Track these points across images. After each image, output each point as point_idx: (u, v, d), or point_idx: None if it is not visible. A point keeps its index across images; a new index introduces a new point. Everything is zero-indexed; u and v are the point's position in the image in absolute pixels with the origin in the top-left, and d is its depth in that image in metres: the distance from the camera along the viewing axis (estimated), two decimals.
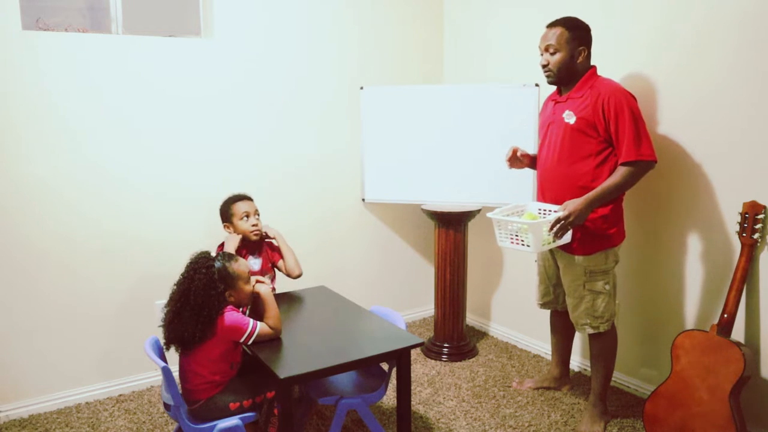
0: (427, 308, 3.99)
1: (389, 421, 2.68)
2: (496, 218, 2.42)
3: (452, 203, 3.28)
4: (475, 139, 3.24)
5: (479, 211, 3.30)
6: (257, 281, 2.26)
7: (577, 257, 2.47)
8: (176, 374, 2.16)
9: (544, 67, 2.45)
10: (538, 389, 2.94)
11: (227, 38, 3.04)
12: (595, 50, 2.51)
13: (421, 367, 3.23)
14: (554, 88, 2.58)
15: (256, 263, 2.67)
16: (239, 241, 2.60)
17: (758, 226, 2.29)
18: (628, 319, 2.86)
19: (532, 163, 2.70)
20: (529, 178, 3.10)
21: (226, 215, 2.67)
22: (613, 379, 2.84)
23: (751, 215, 2.30)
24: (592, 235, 2.43)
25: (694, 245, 2.59)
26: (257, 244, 2.68)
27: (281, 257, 2.73)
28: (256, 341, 2.12)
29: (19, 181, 2.63)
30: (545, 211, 2.48)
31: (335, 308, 2.58)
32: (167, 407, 2.14)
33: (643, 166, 2.33)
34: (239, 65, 3.09)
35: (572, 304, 2.54)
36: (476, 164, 3.25)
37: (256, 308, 2.29)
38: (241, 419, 2.09)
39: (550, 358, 3.17)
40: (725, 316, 2.32)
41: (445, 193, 3.33)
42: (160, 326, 2.17)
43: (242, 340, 2.11)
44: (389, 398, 2.85)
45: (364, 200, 3.57)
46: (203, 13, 3.09)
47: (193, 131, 3.00)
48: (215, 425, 2.05)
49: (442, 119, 3.30)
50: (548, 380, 2.95)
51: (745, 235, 2.31)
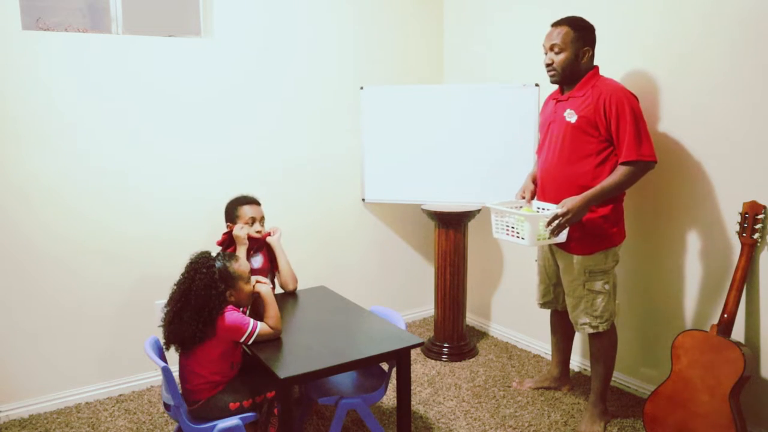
0: (427, 308, 3.99)
1: (389, 421, 2.68)
2: (494, 207, 2.45)
3: (452, 203, 3.28)
4: (475, 139, 3.24)
5: (479, 211, 3.30)
6: (257, 281, 2.26)
7: (577, 257, 2.47)
8: (176, 374, 2.16)
9: (548, 66, 2.45)
10: (538, 389, 2.94)
11: (227, 38, 3.04)
12: (596, 50, 2.51)
13: (421, 367, 3.23)
14: (555, 87, 2.58)
15: (257, 261, 2.67)
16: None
17: (758, 226, 2.29)
18: (628, 319, 2.86)
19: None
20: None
21: (231, 216, 2.65)
22: (613, 379, 2.84)
23: (751, 215, 2.30)
24: (592, 234, 2.43)
25: (694, 245, 2.59)
26: (259, 242, 2.68)
27: (277, 269, 2.71)
28: (256, 341, 2.12)
29: (19, 181, 2.63)
30: (544, 209, 2.48)
31: (335, 308, 2.58)
32: (167, 407, 2.14)
33: (642, 166, 2.33)
34: (239, 65, 3.09)
35: (572, 303, 2.54)
36: (476, 164, 3.25)
37: (256, 308, 2.29)
38: (241, 419, 2.09)
39: (550, 358, 3.17)
40: (725, 316, 2.32)
41: (445, 193, 3.33)
42: (160, 326, 2.17)
43: (242, 340, 2.11)
44: (389, 398, 2.85)
45: (364, 200, 3.57)
46: (203, 13, 3.09)
47: (193, 131, 3.00)
48: (215, 425, 2.05)
49: (442, 119, 3.30)
50: (548, 380, 2.95)
51: (745, 235, 2.31)
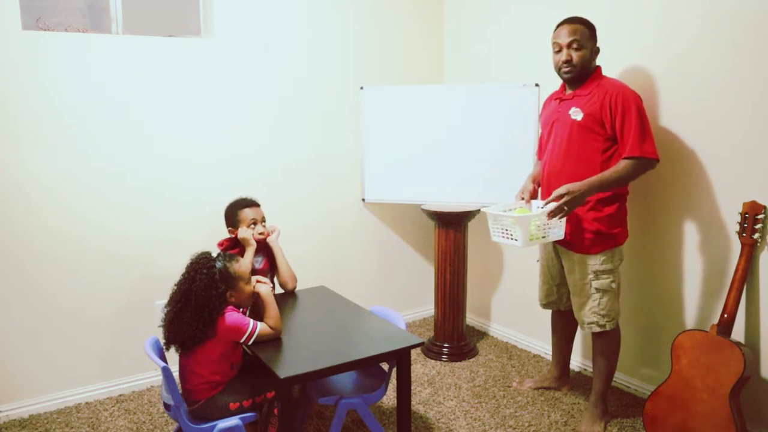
0: (427, 308, 3.99)
1: (389, 421, 2.68)
2: (488, 212, 2.46)
3: (452, 203, 3.28)
4: (475, 139, 3.24)
5: (479, 211, 3.30)
6: (257, 281, 2.26)
7: (583, 256, 2.47)
8: (176, 374, 2.16)
9: (567, 62, 2.42)
10: (538, 389, 2.94)
11: (227, 38, 3.04)
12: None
13: (421, 367, 3.23)
14: (555, 87, 2.58)
15: (258, 261, 2.67)
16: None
17: (758, 226, 2.29)
18: (628, 319, 2.86)
19: (539, 179, 2.72)
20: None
21: (232, 220, 2.64)
22: (613, 379, 2.84)
23: (751, 215, 2.30)
24: (598, 234, 2.44)
25: (694, 245, 2.59)
26: (261, 243, 2.68)
27: (277, 269, 2.71)
28: (256, 341, 2.12)
29: (19, 181, 2.63)
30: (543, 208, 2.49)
31: (335, 308, 2.58)
32: (167, 407, 2.14)
33: (645, 163, 2.34)
34: (239, 65, 3.09)
35: (579, 303, 2.53)
36: (476, 164, 3.25)
37: (256, 308, 2.29)
38: (241, 419, 2.09)
39: (550, 358, 3.17)
40: (725, 316, 2.32)
41: (445, 193, 3.33)
42: (160, 326, 2.17)
43: (242, 340, 2.11)
44: (389, 398, 2.85)
45: (364, 200, 3.57)
46: (203, 13, 3.09)
47: (193, 131, 3.00)
48: (215, 425, 2.05)
49: (442, 119, 3.30)
50: (548, 380, 2.95)
51: (745, 235, 2.31)
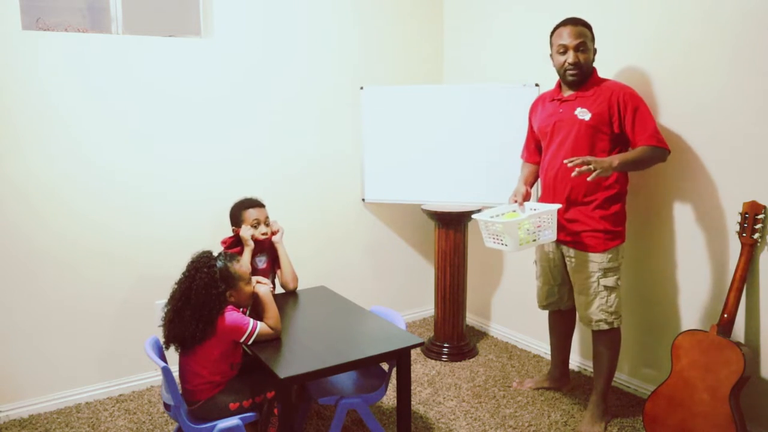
0: (427, 308, 3.99)
1: (389, 421, 2.68)
2: (479, 219, 2.48)
3: (452, 203, 3.28)
4: (475, 139, 3.24)
5: (479, 211, 3.30)
6: (257, 282, 2.27)
7: (591, 254, 2.49)
8: (176, 374, 2.17)
9: (574, 64, 2.42)
10: (538, 389, 2.94)
11: (227, 38, 3.04)
12: (597, 48, 2.52)
13: (421, 367, 3.23)
14: (552, 87, 2.59)
15: (261, 261, 2.67)
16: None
17: (758, 226, 2.29)
18: (628, 319, 2.86)
19: (531, 180, 2.75)
20: None
21: (236, 220, 2.65)
22: (613, 379, 2.84)
23: (751, 215, 2.30)
24: (606, 231, 2.46)
25: (694, 245, 2.59)
26: (265, 243, 2.68)
27: (279, 268, 2.72)
28: (256, 341, 2.12)
29: (19, 181, 2.63)
30: (535, 210, 2.51)
31: (335, 308, 2.58)
32: (167, 407, 2.14)
33: (660, 152, 2.39)
34: (239, 65, 3.09)
35: (585, 301, 2.53)
36: (476, 164, 3.25)
37: (256, 308, 2.29)
38: (241, 419, 2.09)
39: (550, 358, 3.17)
40: (725, 316, 2.32)
41: (445, 193, 3.33)
42: (160, 326, 2.17)
43: (242, 339, 2.11)
44: (389, 398, 2.85)
45: (364, 200, 3.57)
46: (203, 13, 3.09)
47: (193, 131, 3.00)
48: (215, 425, 2.06)
49: (442, 119, 3.30)
50: (548, 380, 2.95)
51: (745, 235, 2.31)
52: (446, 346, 3.34)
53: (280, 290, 2.74)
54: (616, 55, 2.74)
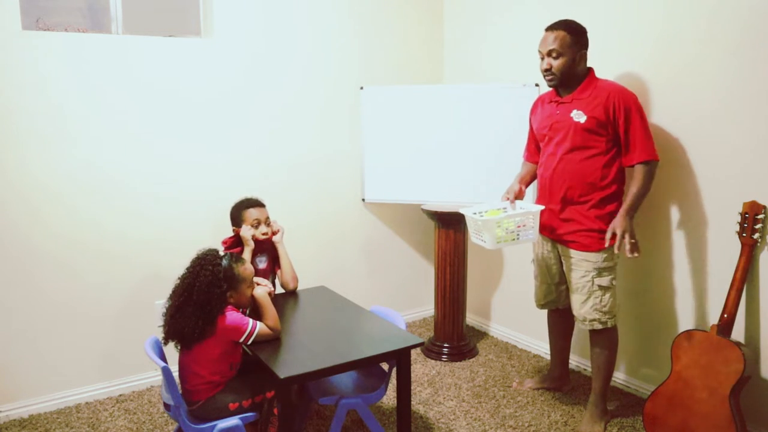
0: (427, 308, 3.99)
1: (389, 421, 2.68)
2: (464, 214, 2.52)
3: (452, 203, 3.28)
4: (475, 139, 3.24)
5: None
6: (255, 283, 2.27)
7: (586, 253, 2.48)
8: (176, 374, 2.17)
9: (546, 71, 2.45)
10: (538, 389, 2.94)
11: (227, 38, 3.04)
12: (597, 51, 2.52)
13: (421, 367, 3.22)
14: (546, 89, 2.60)
15: (262, 262, 2.67)
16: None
17: (758, 226, 2.29)
18: (628, 318, 2.86)
19: (527, 179, 2.75)
20: None
21: (236, 220, 2.65)
22: (613, 379, 2.84)
23: (751, 215, 2.30)
24: (601, 231, 2.46)
25: (694, 245, 2.59)
26: (265, 243, 2.68)
27: (279, 267, 2.72)
28: (255, 341, 2.12)
29: (18, 181, 2.63)
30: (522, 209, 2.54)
31: (335, 308, 2.58)
32: (167, 407, 2.14)
33: (654, 165, 2.40)
34: (239, 65, 3.09)
35: (579, 300, 2.54)
36: (476, 164, 3.25)
37: (255, 309, 2.29)
38: (241, 419, 2.09)
39: (549, 358, 3.17)
40: (725, 316, 2.32)
41: (445, 193, 3.33)
42: (160, 326, 2.17)
43: (242, 339, 2.11)
44: (389, 398, 2.85)
45: (364, 200, 3.57)
46: (203, 13, 3.09)
47: (193, 131, 3.00)
48: (215, 425, 2.06)
49: (442, 119, 3.30)
50: (548, 380, 2.95)
51: (745, 235, 2.31)
52: (446, 346, 3.34)
53: (280, 290, 2.74)
54: (617, 55, 2.74)
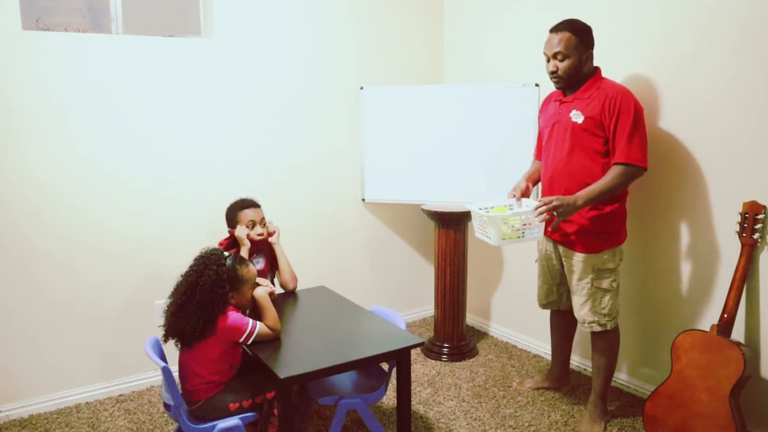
0: (427, 308, 3.99)
1: (389, 421, 2.68)
2: (470, 209, 2.50)
3: (452, 203, 3.28)
4: (475, 139, 3.24)
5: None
6: (257, 284, 2.27)
7: (585, 255, 2.48)
8: (176, 374, 2.17)
9: (552, 73, 2.44)
10: (538, 389, 2.94)
11: (227, 38, 3.04)
12: (597, 51, 2.51)
13: (421, 367, 3.23)
14: (546, 88, 2.59)
15: (259, 263, 2.67)
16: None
17: (758, 226, 2.29)
18: (628, 319, 2.86)
19: (535, 177, 2.73)
20: None
21: (232, 221, 2.65)
22: (613, 379, 2.84)
23: (751, 215, 2.30)
24: (600, 233, 2.45)
25: (694, 245, 2.59)
26: (261, 244, 2.68)
27: (278, 268, 2.72)
28: (255, 341, 2.13)
29: (18, 181, 2.63)
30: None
31: (335, 308, 2.58)
32: (167, 407, 2.14)
33: (633, 170, 2.35)
34: (239, 65, 3.09)
35: (579, 302, 2.53)
36: (476, 164, 3.25)
37: (255, 310, 2.29)
38: (241, 419, 2.09)
39: (550, 358, 3.17)
40: (725, 316, 2.32)
41: (445, 193, 3.33)
42: (160, 326, 2.17)
43: (242, 339, 2.11)
44: (389, 398, 2.85)
45: (364, 200, 3.57)
46: (203, 13, 3.09)
47: (193, 131, 3.00)
48: (215, 425, 2.06)
49: (442, 119, 3.30)
50: (548, 380, 2.95)
51: (745, 235, 2.31)
52: (446, 346, 3.34)
53: (279, 290, 2.74)
54: (619, 56, 2.74)
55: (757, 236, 2.29)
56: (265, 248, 2.71)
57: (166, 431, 2.62)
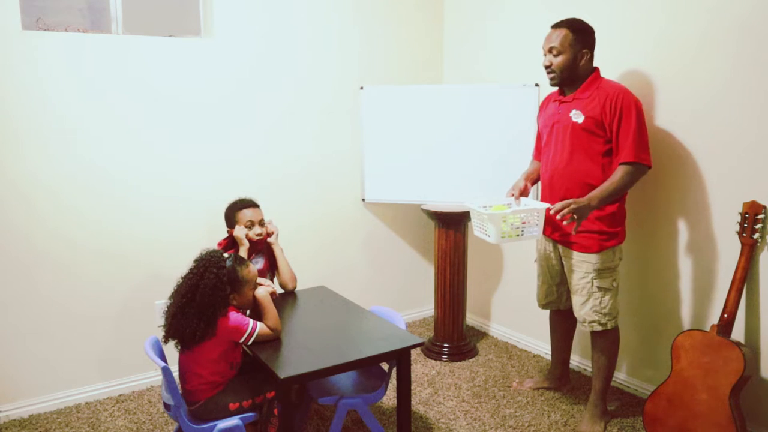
0: (427, 308, 3.99)
1: (389, 421, 2.68)
2: (470, 206, 2.51)
3: (452, 203, 3.28)
4: (475, 139, 3.24)
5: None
6: (258, 284, 2.27)
7: (585, 255, 2.48)
8: (176, 374, 2.17)
9: (547, 68, 2.46)
10: (538, 389, 2.94)
11: (227, 38, 3.04)
12: (597, 51, 2.51)
13: (421, 367, 3.23)
14: (556, 88, 2.59)
15: (258, 263, 2.67)
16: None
17: (758, 226, 2.29)
18: (628, 319, 2.86)
19: (534, 177, 2.74)
20: None
21: (230, 221, 2.65)
22: (613, 379, 2.84)
23: (751, 215, 2.30)
24: (601, 232, 2.45)
25: (694, 245, 2.59)
26: (260, 244, 2.68)
27: (277, 269, 2.72)
28: (255, 341, 2.12)
29: (18, 181, 2.63)
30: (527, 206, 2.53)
31: (335, 308, 2.58)
32: (167, 407, 2.14)
33: (640, 169, 2.37)
34: (239, 65, 3.09)
35: (579, 302, 2.53)
36: (476, 164, 3.25)
37: (255, 310, 2.29)
38: (241, 419, 2.09)
39: (550, 358, 3.17)
40: (725, 316, 2.32)
41: (445, 193, 3.33)
42: (160, 326, 2.17)
43: (242, 340, 2.11)
44: (389, 398, 2.85)
45: (364, 200, 3.57)
46: (203, 13, 3.09)
47: (193, 131, 3.00)
48: (215, 425, 2.06)
49: (442, 119, 3.30)
50: (548, 380, 2.95)
51: (745, 235, 2.31)
52: (446, 346, 3.34)
53: (279, 290, 2.74)
54: (619, 56, 2.74)
55: (757, 236, 2.29)
56: (264, 248, 2.71)
57: (166, 431, 2.61)
